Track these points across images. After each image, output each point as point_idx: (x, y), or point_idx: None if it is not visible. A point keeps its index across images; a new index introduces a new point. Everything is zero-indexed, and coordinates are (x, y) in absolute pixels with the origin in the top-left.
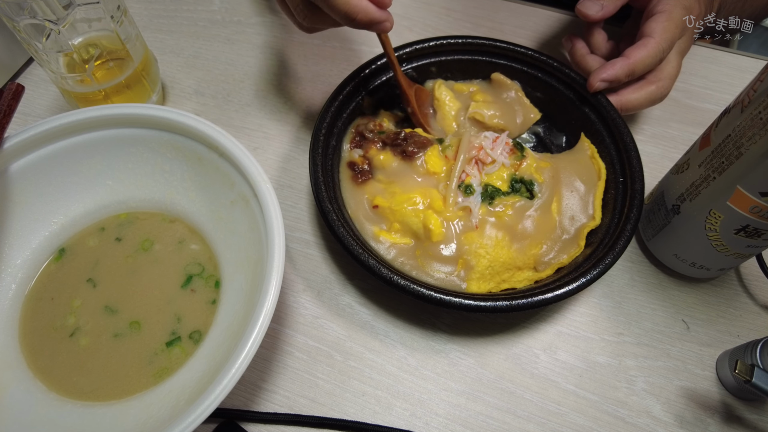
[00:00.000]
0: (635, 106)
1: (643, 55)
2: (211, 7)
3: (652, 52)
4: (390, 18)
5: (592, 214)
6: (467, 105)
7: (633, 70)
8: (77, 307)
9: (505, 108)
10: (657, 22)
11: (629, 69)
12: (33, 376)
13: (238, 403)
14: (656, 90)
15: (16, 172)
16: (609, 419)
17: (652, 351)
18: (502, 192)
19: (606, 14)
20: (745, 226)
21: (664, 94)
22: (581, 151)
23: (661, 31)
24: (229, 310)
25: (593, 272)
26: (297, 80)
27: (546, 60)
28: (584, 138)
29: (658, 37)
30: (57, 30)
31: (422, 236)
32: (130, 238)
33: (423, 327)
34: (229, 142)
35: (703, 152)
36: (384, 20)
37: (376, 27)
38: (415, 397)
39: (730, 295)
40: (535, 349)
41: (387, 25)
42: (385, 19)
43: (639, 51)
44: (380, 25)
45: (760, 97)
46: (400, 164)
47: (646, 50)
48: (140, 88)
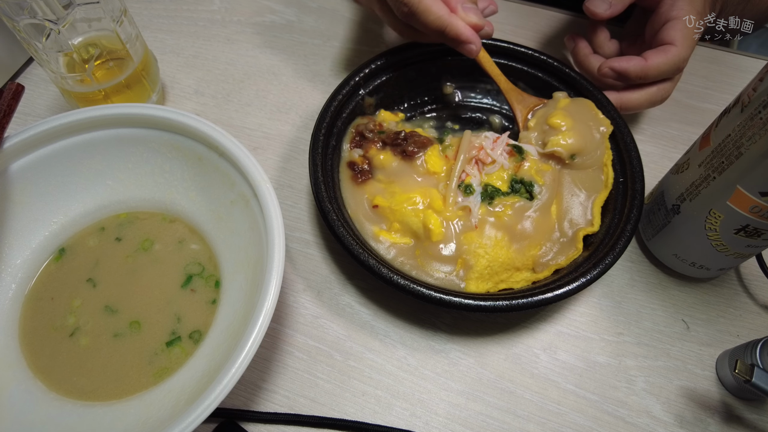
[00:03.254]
0: (635, 106)
1: (661, 61)
2: (211, 7)
3: (672, 60)
4: (477, 42)
5: (590, 220)
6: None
7: (646, 74)
8: (77, 307)
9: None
10: (677, 30)
11: (642, 70)
12: (33, 376)
13: (238, 403)
14: (657, 92)
15: (16, 172)
16: (609, 419)
17: (652, 351)
18: (502, 192)
19: (614, 13)
20: (745, 226)
21: (665, 96)
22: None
23: (682, 39)
24: (229, 310)
25: (593, 272)
26: (297, 80)
27: (546, 60)
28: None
29: (680, 46)
30: (57, 30)
31: (422, 236)
32: (130, 237)
33: (423, 327)
34: (229, 142)
35: (703, 152)
36: (469, 42)
37: (463, 48)
38: (415, 397)
39: (730, 294)
40: (535, 349)
41: (472, 48)
42: (471, 41)
43: (658, 56)
44: (466, 46)
45: (760, 97)
46: (400, 164)
47: (666, 57)
48: (140, 88)
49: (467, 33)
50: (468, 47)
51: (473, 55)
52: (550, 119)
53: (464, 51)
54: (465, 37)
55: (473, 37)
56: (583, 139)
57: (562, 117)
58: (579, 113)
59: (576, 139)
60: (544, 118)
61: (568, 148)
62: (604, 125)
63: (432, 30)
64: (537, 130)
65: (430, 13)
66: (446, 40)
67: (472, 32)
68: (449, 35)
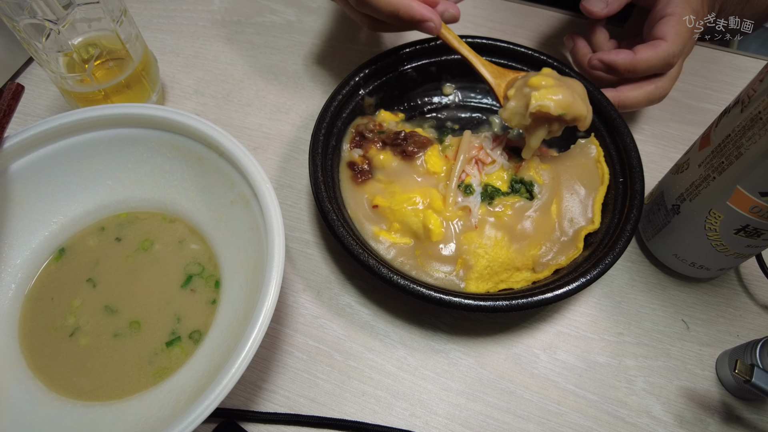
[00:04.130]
0: (632, 104)
1: (650, 55)
2: (211, 7)
3: (660, 55)
4: (434, 18)
5: (591, 218)
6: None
7: (635, 67)
8: (77, 307)
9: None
10: (669, 26)
11: (631, 63)
12: (33, 375)
13: (238, 403)
14: (655, 90)
15: (16, 172)
16: (609, 419)
17: (652, 351)
18: (502, 192)
19: (610, 11)
20: (745, 226)
21: (663, 94)
22: (586, 154)
23: (673, 35)
24: (229, 309)
25: (593, 272)
26: (297, 80)
27: (546, 60)
28: (593, 140)
29: (670, 41)
30: (57, 30)
31: (422, 236)
32: (130, 237)
33: (423, 327)
34: (229, 142)
35: (703, 152)
36: (426, 19)
37: (422, 27)
38: (414, 397)
39: (730, 295)
40: (535, 349)
41: (431, 25)
42: (427, 18)
43: (648, 50)
44: (424, 25)
45: (760, 97)
46: (400, 164)
47: (655, 51)
48: (140, 88)
49: (422, 11)
50: (426, 25)
51: (434, 32)
52: (531, 81)
53: (424, 30)
54: (420, 15)
55: (430, 14)
56: (572, 95)
57: (543, 76)
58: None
59: (565, 94)
60: (524, 83)
61: (558, 103)
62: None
63: (386, 15)
64: (517, 97)
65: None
66: (403, 23)
67: (428, 9)
68: (404, 17)
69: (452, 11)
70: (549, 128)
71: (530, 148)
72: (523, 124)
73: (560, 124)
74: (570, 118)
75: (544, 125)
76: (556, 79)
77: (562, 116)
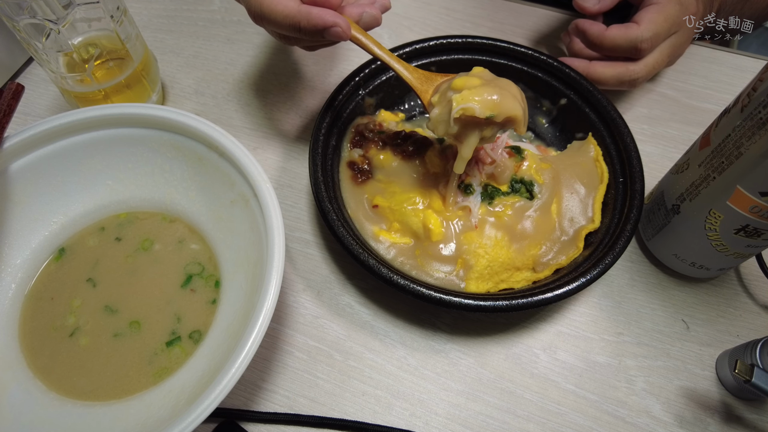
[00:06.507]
0: (600, 79)
1: (618, 33)
2: (211, 7)
3: (629, 36)
4: (341, 22)
5: (591, 217)
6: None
7: (601, 41)
8: (77, 307)
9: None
10: (646, 12)
11: (598, 37)
12: (33, 375)
13: (238, 403)
14: (625, 72)
15: (16, 172)
16: (609, 419)
17: (652, 351)
18: (502, 192)
19: (603, 8)
20: (745, 226)
21: (635, 78)
22: (585, 153)
23: (647, 22)
24: (229, 309)
25: (593, 272)
26: (297, 80)
27: (546, 60)
28: (591, 139)
29: (642, 26)
30: (57, 30)
31: (422, 236)
32: (130, 237)
33: (423, 327)
34: (229, 142)
35: (703, 152)
36: (331, 25)
37: (330, 34)
38: (415, 397)
39: (730, 295)
40: (535, 349)
41: (338, 30)
42: (331, 24)
43: (618, 29)
44: (331, 31)
45: (760, 97)
46: (399, 164)
47: (624, 32)
48: (140, 88)
49: (323, 17)
50: (333, 31)
51: (343, 37)
52: (454, 83)
53: (332, 37)
54: (322, 22)
55: (333, 18)
56: (500, 94)
57: (469, 77)
58: (497, 81)
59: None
60: (448, 86)
61: (484, 104)
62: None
63: (287, 29)
64: (441, 103)
65: (277, 13)
66: (309, 34)
67: (330, 13)
68: (306, 28)
69: (372, 12)
70: (481, 134)
71: (462, 159)
72: (450, 132)
73: (493, 128)
74: (502, 120)
75: (474, 131)
76: (484, 79)
77: (492, 118)
